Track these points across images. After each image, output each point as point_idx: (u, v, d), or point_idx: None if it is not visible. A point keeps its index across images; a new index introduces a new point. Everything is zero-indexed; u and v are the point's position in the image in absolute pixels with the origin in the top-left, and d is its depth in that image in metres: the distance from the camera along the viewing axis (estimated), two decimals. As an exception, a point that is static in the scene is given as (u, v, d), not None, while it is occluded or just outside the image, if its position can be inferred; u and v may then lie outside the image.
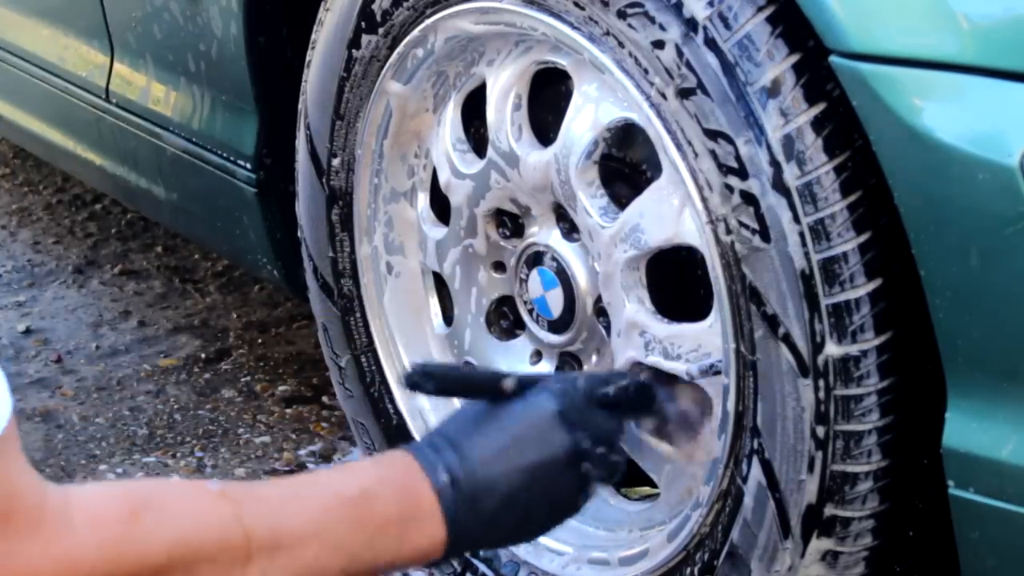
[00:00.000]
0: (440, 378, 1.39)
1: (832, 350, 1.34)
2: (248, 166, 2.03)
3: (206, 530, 1.16)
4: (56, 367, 2.55)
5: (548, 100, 1.64)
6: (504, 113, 1.63)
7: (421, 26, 1.65)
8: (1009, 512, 1.29)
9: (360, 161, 1.79)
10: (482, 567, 1.75)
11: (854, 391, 1.35)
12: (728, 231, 1.38)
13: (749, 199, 1.35)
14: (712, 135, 1.36)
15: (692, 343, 1.50)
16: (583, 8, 1.45)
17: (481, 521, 1.30)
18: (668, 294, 1.55)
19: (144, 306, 2.77)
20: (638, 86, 1.42)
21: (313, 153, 1.83)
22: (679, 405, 1.52)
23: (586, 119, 1.55)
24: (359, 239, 1.84)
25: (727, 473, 1.47)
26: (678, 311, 1.54)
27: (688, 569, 1.53)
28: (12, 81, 2.62)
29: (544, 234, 1.65)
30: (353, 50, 1.73)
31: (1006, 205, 1.22)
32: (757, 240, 1.36)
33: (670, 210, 1.48)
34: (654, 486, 1.64)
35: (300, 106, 1.84)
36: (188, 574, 1.15)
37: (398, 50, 1.69)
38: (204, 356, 2.57)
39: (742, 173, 1.35)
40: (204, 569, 1.16)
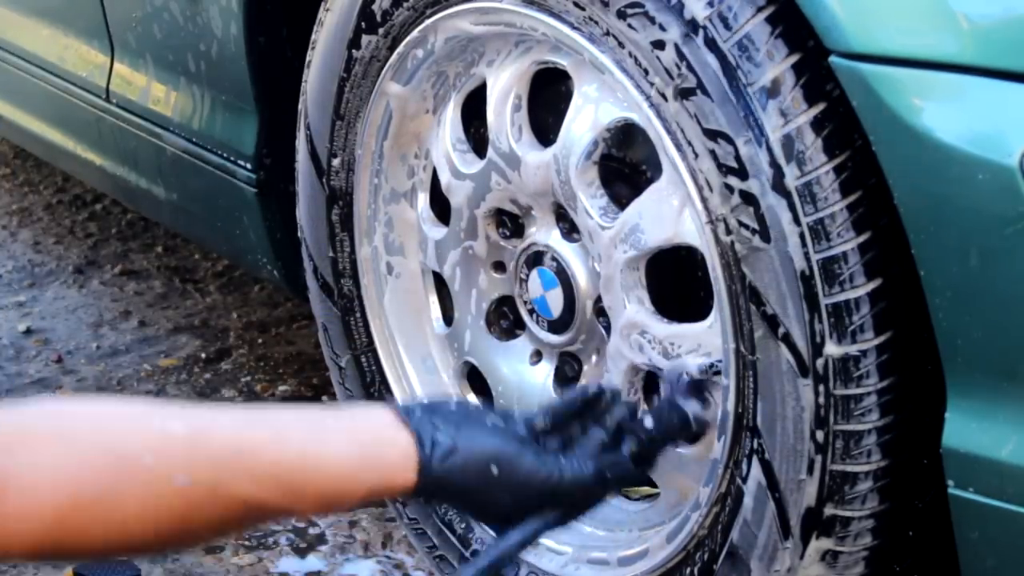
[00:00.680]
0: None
1: (832, 350, 1.34)
2: (248, 166, 2.03)
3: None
4: (56, 367, 2.55)
5: (548, 100, 1.64)
6: (504, 113, 1.63)
7: (421, 26, 1.65)
8: (1009, 512, 1.29)
9: (360, 161, 1.79)
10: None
11: (854, 391, 1.35)
12: (728, 231, 1.38)
13: (749, 199, 1.35)
14: (712, 135, 1.36)
15: (692, 343, 1.50)
16: (583, 8, 1.45)
17: (454, 469, 1.26)
18: (668, 294, 1.55)
19: (144, 306, 2.77)
20: (638, 86, 1.42)
21: (313, 153, 1.83)
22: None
23: (586, 119, 1.55)
24: (359, 239, 1.84)
25: (727, 473, 1.47)
26: (678, 311, 1.54)
27: (688, 569, 1.53)
28: (12, 81, 2.62)
29: (544, 234, 1.65)
30: (353, 50, 1.73)
31: (1006, 205, 1.22)
32: (757, 240, 1.36)
33: (670, 210, 1.48)
34: (654, 486, 1.64)
35: (300, 106, 1.84)
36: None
37: (398, 50, 1.69)
38: (204, 356, 2.57)
39: (742, 173, 1.35)
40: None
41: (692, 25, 1.36)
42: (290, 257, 2.02)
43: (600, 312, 1.61)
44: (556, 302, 1.65)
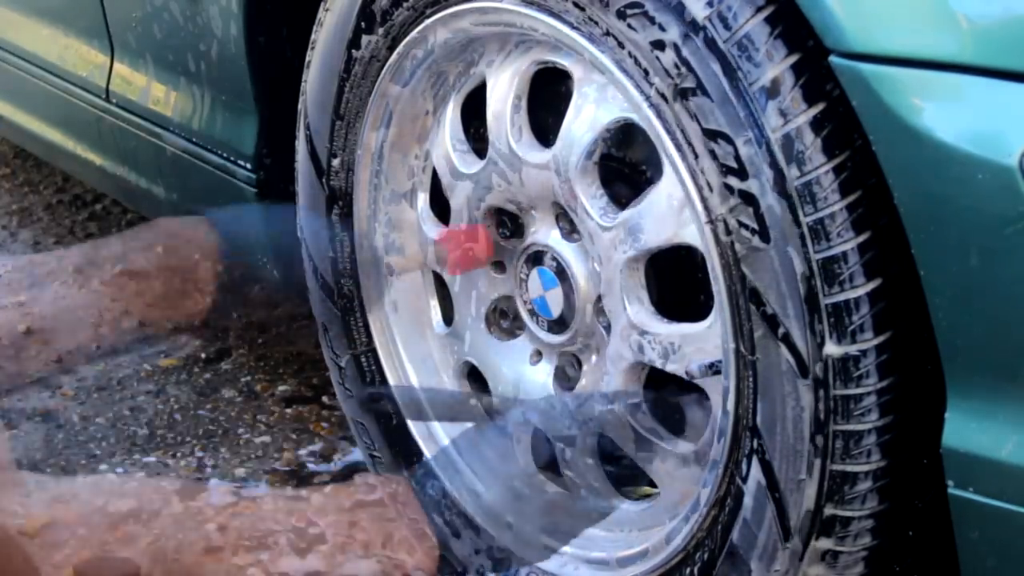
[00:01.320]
0: None
1: (832, 350, 1.34)
2: (248, 166, 2.03)
3: None
4: (56, 367, 2.55)
5: (548, 100, 1.64)
6: (504, 114, 1.63)
7: (421, 26, 1.65)
8: (1009, 512, 1.29)
9: (360, 161, 1.79)
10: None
11: (854, 391, 1.35)
12: (728, 231, 1.38)
13: (749, 199, 1.35)
14: (712, 135, 1.36)
15: (692, 343, 1.50)
16: (583, 8, 1.45)
17: None
18: (668, 294, 1.55)
19: (144, 306, 2.77)
20: (638, 86, 1.42)
21: (313, 153, 1.83)
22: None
23: (586, 119, 1.55)
24: (359, 239, 1.84)
25: (727, 474, 1.47)
26: (678, 311, 1.54)
27: (688, 569, 1.53)
28: (12, 81, 2.62)
29: (544, 234, 1.65)
30: (353, 50, 1.73)
31: (1006, 205, 1.22)
32: (757, 240, 1.36)
33: (670, 210, 1.48)
34: (654, 486, 1.64)
35: (300, 106, 1.84)
36: None
37: (398, 50, 1.69)
38: (204, 356, 2.57)
39: (742, 173, 1.35)
40: None
41: (692, 25, 1.36)
42: (290, 257, 2.02)
43: (600, 312, 1.61)
44: (556, 302, 1.65)
